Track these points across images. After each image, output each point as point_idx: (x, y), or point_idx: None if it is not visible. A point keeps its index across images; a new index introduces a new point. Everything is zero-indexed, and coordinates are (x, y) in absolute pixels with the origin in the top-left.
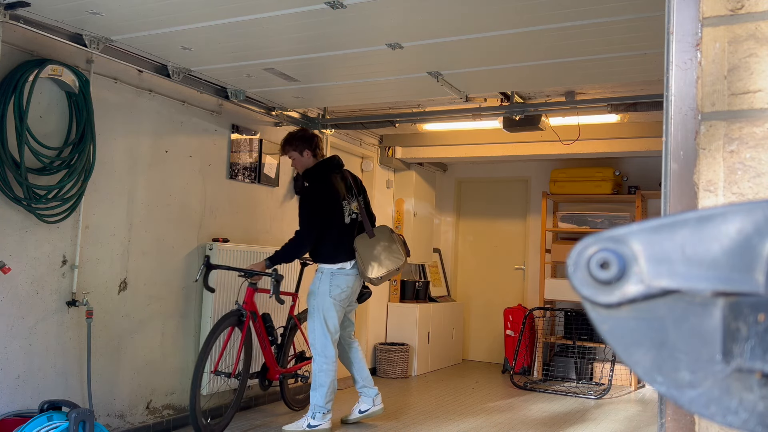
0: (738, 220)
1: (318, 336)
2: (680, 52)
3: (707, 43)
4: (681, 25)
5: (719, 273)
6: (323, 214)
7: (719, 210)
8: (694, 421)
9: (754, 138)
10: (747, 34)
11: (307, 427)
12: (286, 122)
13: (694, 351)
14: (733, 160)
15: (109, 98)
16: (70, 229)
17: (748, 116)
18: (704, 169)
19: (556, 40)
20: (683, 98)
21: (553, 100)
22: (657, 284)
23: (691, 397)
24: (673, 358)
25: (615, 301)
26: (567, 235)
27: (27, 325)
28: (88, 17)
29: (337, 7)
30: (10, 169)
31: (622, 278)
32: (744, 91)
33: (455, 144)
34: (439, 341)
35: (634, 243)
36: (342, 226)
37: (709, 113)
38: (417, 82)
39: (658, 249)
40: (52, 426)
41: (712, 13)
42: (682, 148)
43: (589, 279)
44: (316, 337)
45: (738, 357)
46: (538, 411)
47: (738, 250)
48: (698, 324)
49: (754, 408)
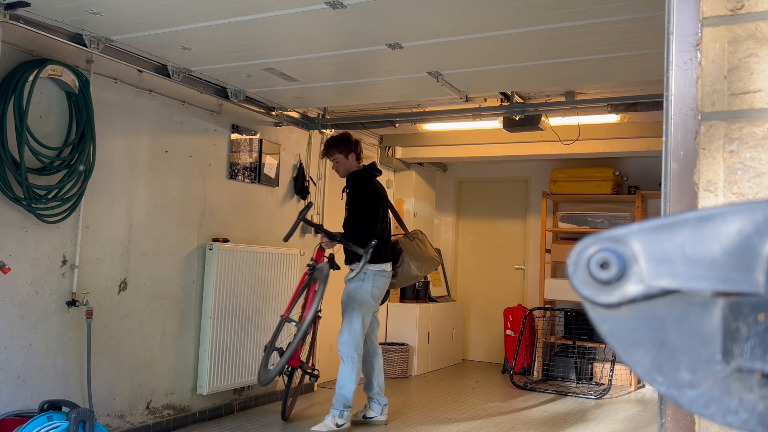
0: (738, 220)
1: (355, 334)
2: (680, 52)
3: (707, 43)
4: (681, 25)
5: (719, 273)
6: (377, 213)
7: (719, 210)
8: (694, 421)
9: (754, 138)
10: (747, 34)
11: (336, 427)
12: (286, 122)
13: (694, 351)
14: (733, 160)
15: (109, 98)
16: (70, 229)
17: (748, 116)
18: (704, 169)
19: (557, 40)
20: (683, 98)
21: (553, 100)
22: (657, 284)
23: (691, 397)
24: (673, 358)
25: (615, 301)
26: (567, 235)
27: (27, 325)
28: (88, 17)
29: (337, 7)
30: (10, 169)
31: (622, 278)
32: (744, 91)
33: (455, 144)
34: (439, 341)
35: (634, 243)
36: (385, 228)
37: (709, 113)
38: (417, 82)
39: (658, 249)
40: (52, 426)
41: (712, 13)
42: (682, 148)
43: (589, 279)
44: (353, 335)
45: (738, 357)
46: (538, 411)
47: (738, 250)
48: (698, 324)
49: (754, 408)
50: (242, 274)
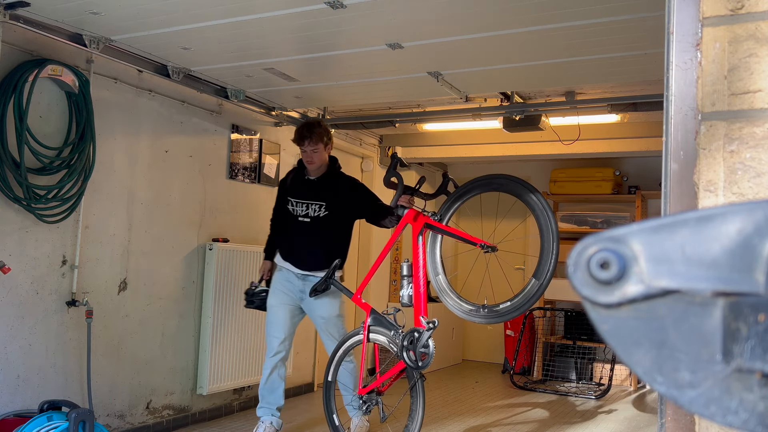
0: (738, 220)
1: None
2: (680, 52)
3: (707, 43)
4: (681, 25)
5: (719, 273)
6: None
7: (719, 210)
8: (694, 421)
9: (754, 138)
10: (747, 34)
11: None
12: (286, 122)
13: (694, 351)
14: (733, 160)
15: (109, 98)
16: (69, 229)
17: (748, 116)
18: (704, 169)
19: (556, 40)
20: (683, 98)
21: (553, 100)
22: (657, 284)
23: (691, 397)
24: (673, 358)
25: (615, 301)
26: (567, 235)
27: (27, 325)
28: (87, 17)
29: (337, 7)
30: (10, 169)
31: (622, 278)
32: (744, 91)
33: (455, 144)
34: (439, 341)
35: (634, 243)
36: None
37: (709, 113)
38: (417, 82)
39: (658, 249)
40: (52, 426)
41: (712, 13)
42: (682, 148)
43: (590, 279)
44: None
45: (738, 357)
46: (538, 411)
47: (738, 250)
48: (698, 324)
49: (754, 408)
50: (242, 274)
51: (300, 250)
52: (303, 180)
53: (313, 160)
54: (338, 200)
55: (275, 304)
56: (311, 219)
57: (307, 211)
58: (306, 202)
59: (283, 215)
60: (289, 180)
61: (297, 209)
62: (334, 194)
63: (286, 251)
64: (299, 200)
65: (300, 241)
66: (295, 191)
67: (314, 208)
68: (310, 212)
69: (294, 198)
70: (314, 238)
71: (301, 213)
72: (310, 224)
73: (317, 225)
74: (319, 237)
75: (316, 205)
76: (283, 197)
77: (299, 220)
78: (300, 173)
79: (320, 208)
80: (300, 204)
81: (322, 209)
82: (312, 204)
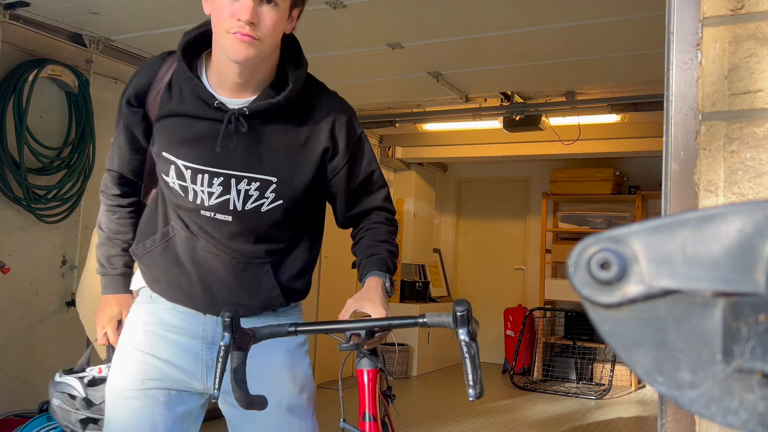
0: (738, 220)
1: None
2: (680, 52)
3: (708, 43)
4: (681, 25)
5: (720, 273)
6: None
7: (719, 210)
8: (695, 421)
9: (754, 138)
10: (747, 34)
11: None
12: None
13: (694, 351)
14: (733, 161)
15: (109, 98)
16: (69, 229)
17: (749, 116)
18: (705, 169)
19: (556, 40)
20: (683, 98)
21: (553, 100)
22: (657, 284)
23: (692, 398)
24: (673, 359)
25: (615, 302)
26: (567, 235)
27: (27, 325)
28: (87, 17)
29: (337, 7)
30: (10, 169)
31: (623, 278)
32: (744, 91)
33: (455, 144)
34: (440, 341)
35: (634, 243)
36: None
37: (709, 113)
38: (417, 82)
39: (658, 249)
40: (52, 426)
41: (712, 13)
42: (682, 148)
43: (590, 279)
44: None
45: (738, 357)
46: (538, 411)
47: (738, 250)
48: (698, 324)
49: (754, 408)
50: None
51: (207, 280)
52: (211, 109)
53: (258, 30)
54: (309, 168)
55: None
56: (234, 216)
57: (225, 197)
58: (224, 173)
59: (154, 195)
60: (163, 105)
61: (197, 190)
62: (305, 153)
63: (164, 276)
64: (204, 168)
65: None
66: (190, 142)
67: (243, 189)
68: (234, 199)
69: (188, 161)
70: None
71: (207, 201)
72: (231, 225)
73: (246, 228)
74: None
75: (252, 181)
76: (150, 151)
77: (202, 215)
78: (196, 90)
79: (259, 191)
80: (204, 176)
81: (265, 193)
82: (241, 179)
